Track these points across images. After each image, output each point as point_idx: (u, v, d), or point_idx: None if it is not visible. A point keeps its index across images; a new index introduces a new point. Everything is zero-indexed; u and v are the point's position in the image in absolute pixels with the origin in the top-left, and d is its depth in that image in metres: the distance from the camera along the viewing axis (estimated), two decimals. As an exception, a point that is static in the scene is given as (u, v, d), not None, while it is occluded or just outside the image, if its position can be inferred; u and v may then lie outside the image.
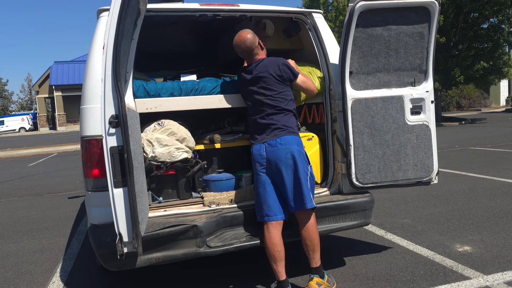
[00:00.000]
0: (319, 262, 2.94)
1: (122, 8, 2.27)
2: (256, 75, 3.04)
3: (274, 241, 2.83)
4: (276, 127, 2.97)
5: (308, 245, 2.91)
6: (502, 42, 18.46)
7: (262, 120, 3.00)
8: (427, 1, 3.12)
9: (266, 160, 2.94)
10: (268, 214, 2.87)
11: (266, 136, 2.97)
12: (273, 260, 2.83)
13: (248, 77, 3.08)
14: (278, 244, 2.83)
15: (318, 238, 2.94)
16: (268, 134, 2.97)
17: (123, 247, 2.37)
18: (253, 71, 3.06)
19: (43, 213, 6.13)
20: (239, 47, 3.08)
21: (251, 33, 3.06)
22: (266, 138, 2.97)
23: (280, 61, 3.06)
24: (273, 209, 2.87)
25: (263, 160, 2.95)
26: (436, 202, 5.35)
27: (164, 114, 3.17)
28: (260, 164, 2.95)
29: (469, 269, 3.27)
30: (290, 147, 2.91)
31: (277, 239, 2.84)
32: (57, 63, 38.90)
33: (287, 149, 2.91)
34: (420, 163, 3.30)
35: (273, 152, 2.92)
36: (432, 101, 3.33)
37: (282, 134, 2.95)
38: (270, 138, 2.95)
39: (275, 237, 2.84)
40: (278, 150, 2.91)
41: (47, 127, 42.24)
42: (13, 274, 3.80)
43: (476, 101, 32.03)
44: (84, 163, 2.78)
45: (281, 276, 2.84)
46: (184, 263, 3.33)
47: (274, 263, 2.84)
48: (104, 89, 2.31)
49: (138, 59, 3.06)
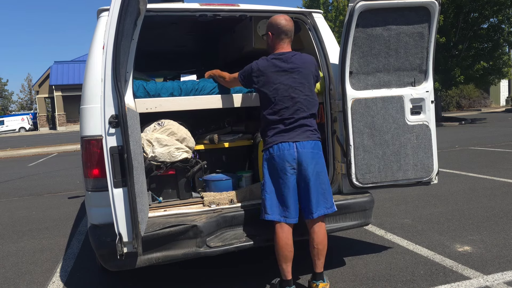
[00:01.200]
0: (323, 267, 2.95)
1: (122, 8, 2.27)
2: (296, 68, 2.87)
3: (288, 241, 2.82)
4: (309, 129, 2.86)
5: (319, 249, 2.89)
6: (502, 42, 18.47)
7: (293, 118, 2.82)
8: (427, 1, 3.12)
9: (297, 162, 2.81)
10: (286, 215, 2.81)
11: (297, 136, 2.82)
12: (284, 260, 2.82)
13: (284, 66, 2.86)
14: (291, 245, 2.83)
15: (327, 243, 2.94)
16: (299, 134, 2.83)
17: (123, 247, 2.37)
18: (289, 61, 2.88)
19: (43, 213, 6.13)
20: (284, 26, 2.90)
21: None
22: (297, 138, 2.81)
23: (314, 60, 3.00)
24: (292, 211, 2.82)
25: (294, 161, 2.79)
26: (436, 202, 5.35)
27: (164, 114, 3.17)
28: (290, 164, 2.79)
29: (469, 269, 3.27)
30: (319, 153, 2.89)
31: (290, 240, 2.83)
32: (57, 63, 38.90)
33: (317, 154, 2.86)
34: (420, 163, 3.30)
35: (305, 155, 2.80)
36: (432, 101, 3.33)
37: (314, 138, 2.87)
38: (303, 139, 2.82)
39: (290, 238, 2.83)
40: (311, 154, 2.82)
41: (47, 127, 42.23)
42: (13, 274, 3.80)
43: (476, 101, 32.03)
44: (84, 163, 2.78)
45: (289, 275, 2.85)
46: (184, 263, 3.33)
47: (284, 263, 2.82)
48: (104, 89, 2.31)
49: (138, 59, 3.06)
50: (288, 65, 2.88)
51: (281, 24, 2.91)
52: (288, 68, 2.87)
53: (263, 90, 2.89)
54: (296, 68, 2.88)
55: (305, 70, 2.90)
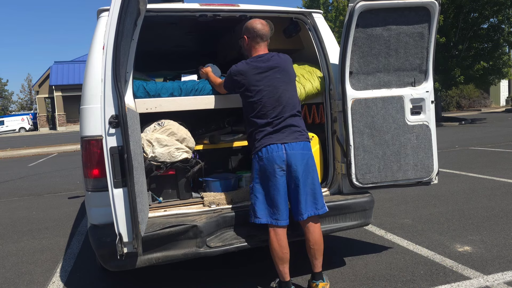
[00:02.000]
0: (321, 267, 2.94)
1: (122, 8, 2.27)
2: (277, 66, 2.88)
3: (282, 243, 2.81)
4: (297, 130, 2.85)
5: (316, 249, 2.88)
6: (502, 42, 18.46)
7: (280, 118, 2.81)
8: (427, 1, 3.12)
9: (286, 163, 2.78)
10: (278, 218, 2.80)
11: (285, 137, 2.80)
12: (280, 262, 2.82)
13: (264, 66, 2.87)
14: (285, 246, 2.82)
15: (323, 243, 2.93)
16: (287, 135, 2.80)
17: (123, 247, 2.37)
18: (269, 61, 2.89)
19: (43, 213, 6.13)
20: (260, 30, 2.92)
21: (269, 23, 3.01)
22: (285, 140, 2.79)
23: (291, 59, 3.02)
24: (283, 214, 2.80)
25: (283, 162, 2.77)
26: (436, 202, 5.35)
27: (164, 114, 3.17)
28: (279, 166, 2.76)
29: (469, 269, 3.27)
30: (308, 153, 2.87)
31: (285, 242, 2.82)
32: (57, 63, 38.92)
33: (306, 155, 2.84)
34: (420, 163, 3.30)
35: (294, 156, 2.78)
36: (432, 101, 3.33)
37: (302, 139, 2.85)
38: (291, 140, 2.80)
39: (284, 240, 2.82)
40: (300, 155, 2.80)
41: (47, 127, 42.24)
42: (13, 274, 3.80)
43: (476, 101, 32.03)
44: (84, 163, 2.78)
45: (287, 277, 2.85)
46: (184, 263, 3.33)
47: (281, 265, 2.82)
48: (104, 89, 2.31)
49: (138, 59, 3.06)
50: (269, 64, 2.88)
51: (257, 28, 2.93)
52: (269, 66, 2.87)
53: (247, 94, 2.87)
54: (277, 66, 2.89)
55: (286, 68, 2.92)
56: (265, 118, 2.82)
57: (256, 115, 2.84)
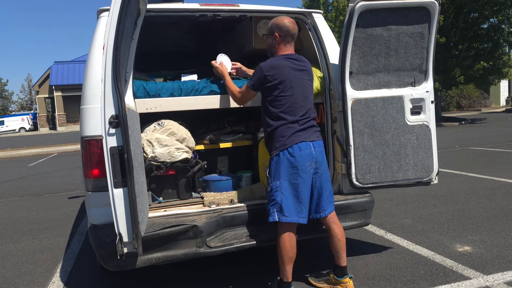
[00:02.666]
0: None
1: (122, 8, 2.27)
2: (306, 68, 2.94)
3: (293, 243, 2.82)
4: (317, 130, 2.95)
5: (342, 241, 2.94)
6: (502, 42, 18.46)
7: (307, 118, 2.87)
8: (427, 1, 3.12)
9: (315, 161, 2.84)
10: (304, 216, 2.83)
11: (311, 136, 2.86)
12: (288, 261, 2.81)
13: (297, 66, 2.88)
14: (295, 246, 2.84)
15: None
16: (311, 134, 2.87)
17: (123, 247, 2.37)
18: (301, 61, 2.92)
19: (43, 213, 6.13)
20: (292, 30, 2.91)
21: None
22: (312, 138, 2.86)
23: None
24: (305, 212, 2.84)
25: (312, 160, 2.82)
26: (436, 202, 5.35)
27: (164, 114, 3.17)
28: (310, 163, 2.81)
29: (469, 269, 3.27)
30: (324, 152, 2.96)
31: (295, 241, 2.84)
32: (57, 63, 38.91)
33: (324, 153, 2.95)
34: (420, 163, 3.30)
35: (320, 154, 2.88)
36: (432, 101, 3.33)
37: (321, 138, 2.97)
38: (316, 139, 2.88)
39: (295, 239, 2.83)
40: (322, 153, 2.91)
41: (47, 127, 42.24)
42: (13, 274, 3.80)
43: (476, 101, 32.03)
44: (84, 163, 2.78)
45: (290, 277, 2.84)
46: (184, 263, 3.33)
47: (288, 264, 2.81)
48: (104, 89, 2.31)
49: (138, 59, 3.06)
50: (301, 65, 2.91)
51: (289, 28, 2.92)
52: (301, 67, 2.91)
53: (278, 87, 2.81)
54: (306, 68, 2.94)
55: (311, 72, 3.00)
56: (294, 115, 2.83)
57: (285, 110, 2.82)
